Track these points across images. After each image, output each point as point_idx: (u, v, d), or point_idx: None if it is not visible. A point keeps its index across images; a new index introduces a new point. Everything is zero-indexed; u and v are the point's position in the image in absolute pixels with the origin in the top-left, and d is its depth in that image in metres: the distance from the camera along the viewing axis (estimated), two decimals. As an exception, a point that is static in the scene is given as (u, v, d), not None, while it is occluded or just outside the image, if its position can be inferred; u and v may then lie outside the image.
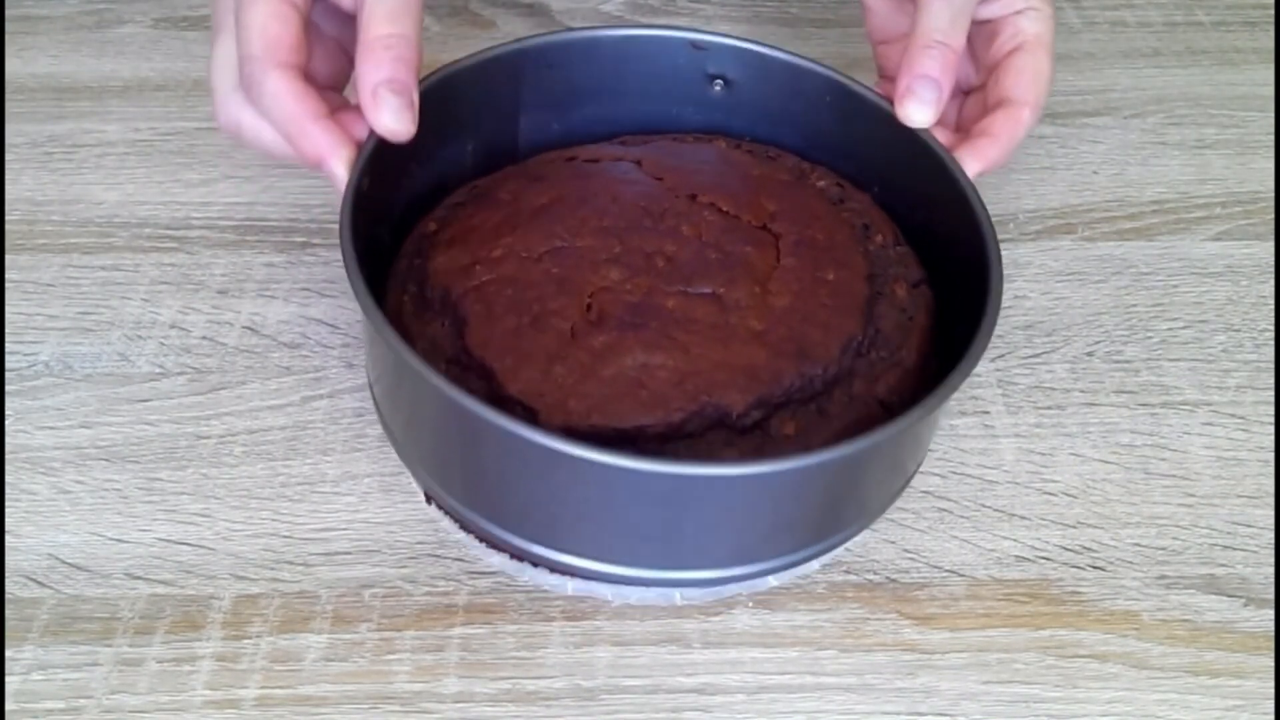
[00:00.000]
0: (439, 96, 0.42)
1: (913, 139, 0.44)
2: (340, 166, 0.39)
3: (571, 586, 0.39)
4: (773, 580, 0.39)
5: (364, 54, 0.39)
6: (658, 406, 0.37)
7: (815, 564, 0.40)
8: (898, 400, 0.39)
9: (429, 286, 0.41)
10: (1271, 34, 0.65)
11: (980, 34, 0.48)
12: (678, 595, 0.39)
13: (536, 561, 0.39)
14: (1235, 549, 0.41)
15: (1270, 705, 0.37)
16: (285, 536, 0.41)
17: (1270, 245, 0.52)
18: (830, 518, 0.39)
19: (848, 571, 0.40)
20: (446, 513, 0.41)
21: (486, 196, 0.45)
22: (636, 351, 0.38)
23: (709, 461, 0.36)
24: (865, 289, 0.41)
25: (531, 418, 0.37)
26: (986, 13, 0.47)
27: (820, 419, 0.38)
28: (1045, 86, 0.46)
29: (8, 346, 0.48)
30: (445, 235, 0.43)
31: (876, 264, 0.43)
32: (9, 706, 0.37)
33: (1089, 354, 0.48)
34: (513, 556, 0.40)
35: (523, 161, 0.48)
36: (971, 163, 0.44)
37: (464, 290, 0.41)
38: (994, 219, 0.53)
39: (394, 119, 0.39)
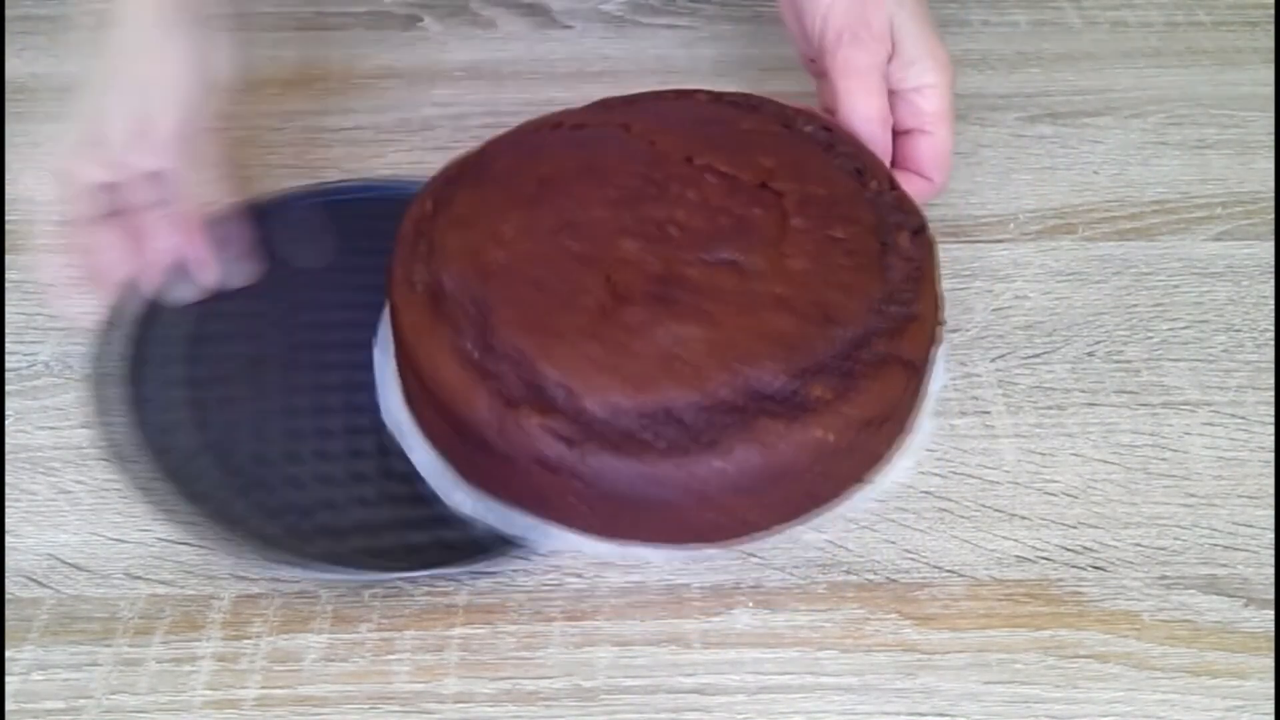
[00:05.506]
0: None
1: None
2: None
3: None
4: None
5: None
6: (696, 379, 0.37)
7: None
8: (921, 357, 0.39)
9: (444, 272, 0.40)
10: (1271, 34, 0.65)
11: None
12: None
13: None
14: (1236, 549, 0.41)
15: (1270, 706, 0.37)
16: (285, 536, 0.41)
17: (1271, 245, 0.52)
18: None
19: (848, 572, 0.40)
20: None
21: (481, 171, 0.44)
22: (669, 324, 0.38)
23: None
24: (875, 243, 0.41)
25: (570, 397, 0.37)
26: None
27: (848, 381, 0.38)
28: (946, 162, 0.48)
29: (8, 346, 0.48)
30: (448, 215, 0.42)
31: (878, 213, 0.42)
32: (9, 706, 0.37)
33: (1090, 354, 0.48)
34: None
35: (508, 131, 0.47)
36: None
37: (484, 273, 0.40)
38: (994, 219, 0.54)
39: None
